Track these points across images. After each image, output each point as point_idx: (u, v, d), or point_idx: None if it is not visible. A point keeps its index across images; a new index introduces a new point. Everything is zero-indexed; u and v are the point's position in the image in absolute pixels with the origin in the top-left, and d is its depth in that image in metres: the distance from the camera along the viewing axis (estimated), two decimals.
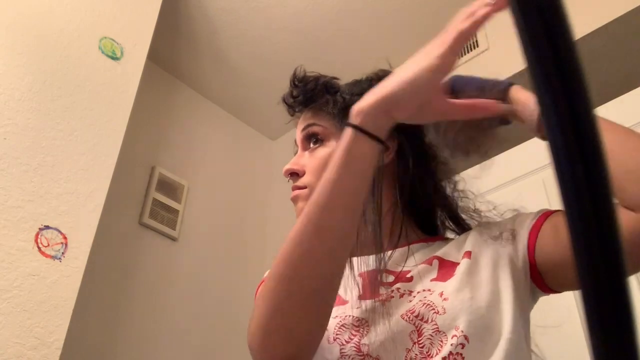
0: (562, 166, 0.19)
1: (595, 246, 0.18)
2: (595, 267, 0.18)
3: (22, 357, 1.26)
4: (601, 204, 0.18)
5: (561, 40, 0.18)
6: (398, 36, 2.31)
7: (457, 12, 0.59)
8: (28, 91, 1.53)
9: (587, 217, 0.18)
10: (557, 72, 0.18)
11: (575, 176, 0.18)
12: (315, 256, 0.57)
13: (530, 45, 0.18)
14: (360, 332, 0.64)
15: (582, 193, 0.18)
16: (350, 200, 0.58)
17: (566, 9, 0.19)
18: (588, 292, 0.18)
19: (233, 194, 2.58)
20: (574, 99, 0.18)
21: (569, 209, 0.19)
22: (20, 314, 1.29)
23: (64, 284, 1.39)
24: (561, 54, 0.18)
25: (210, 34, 2.37)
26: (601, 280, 0.18)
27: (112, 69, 1.77)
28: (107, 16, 1.83)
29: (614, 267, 0.18)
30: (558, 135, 0.18)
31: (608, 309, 0.18)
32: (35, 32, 1.62)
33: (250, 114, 2.75)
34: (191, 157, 2.47)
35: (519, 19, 0.19)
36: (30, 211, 1.40)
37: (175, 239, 2.21)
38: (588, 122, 0.18)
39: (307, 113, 0.82)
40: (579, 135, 0.18)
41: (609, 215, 0.18)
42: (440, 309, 0.61)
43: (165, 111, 2.44)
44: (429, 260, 0.71)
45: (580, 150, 0.18)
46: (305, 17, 2.28)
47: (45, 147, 1.50)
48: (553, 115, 0.18)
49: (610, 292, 0.18)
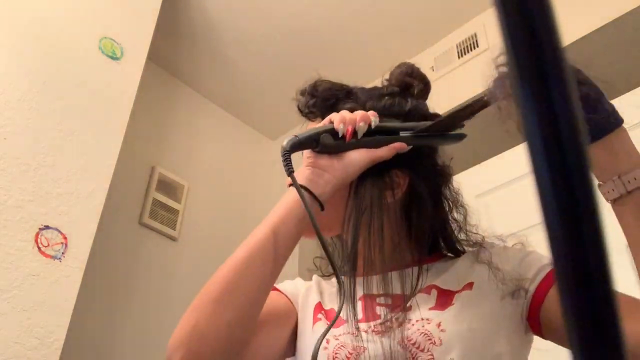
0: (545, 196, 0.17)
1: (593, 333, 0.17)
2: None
3: (22, 357, 1.26)
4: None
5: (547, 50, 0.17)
6: (398, 36, 2.31)
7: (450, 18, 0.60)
8: (28, 91, 1.53)
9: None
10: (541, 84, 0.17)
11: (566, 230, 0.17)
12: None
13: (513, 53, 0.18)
14: (357, 352, 0.65)
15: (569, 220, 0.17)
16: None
17: (554, 20, 0.18)
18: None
19: (233, 194, 2.58)
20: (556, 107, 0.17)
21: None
22: (20, 314, 1.29)
23: (64, 284, 1.39)
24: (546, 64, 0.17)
25: (210, 34, 2.37)
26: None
27: (112, 69, 1.77)
28: (107, 16, 1.83)
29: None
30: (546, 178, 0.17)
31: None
32: (35, 32, 1.62)
33: (250, 114, 2.75)
34: (191, 157, 2.47)
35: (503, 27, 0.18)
36: (30, 211, 1.40)
37: (175, 239, 2.21)
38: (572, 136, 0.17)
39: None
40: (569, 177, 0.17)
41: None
42: (437, 339, 0.62)
43: (165, 111, 2.44)
44: (428, 290, 0.70)
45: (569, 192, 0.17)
46: (305, 17, 2.28)
47: (45, 147, 1.50)
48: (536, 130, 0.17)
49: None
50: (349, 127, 0.70)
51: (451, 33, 2.31)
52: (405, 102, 0.80)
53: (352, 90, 0.82)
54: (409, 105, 0.79)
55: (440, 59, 2.28)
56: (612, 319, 0.17)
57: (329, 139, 0.71)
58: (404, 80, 0.82)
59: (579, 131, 0.17)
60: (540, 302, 0.65)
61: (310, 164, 0.71)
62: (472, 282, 0.69)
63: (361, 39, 2.34)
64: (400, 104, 0.79)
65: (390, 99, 0.80)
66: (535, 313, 0.65)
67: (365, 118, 0.71)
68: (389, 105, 0.79)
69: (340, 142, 0.71)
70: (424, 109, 0.82)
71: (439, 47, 2.33)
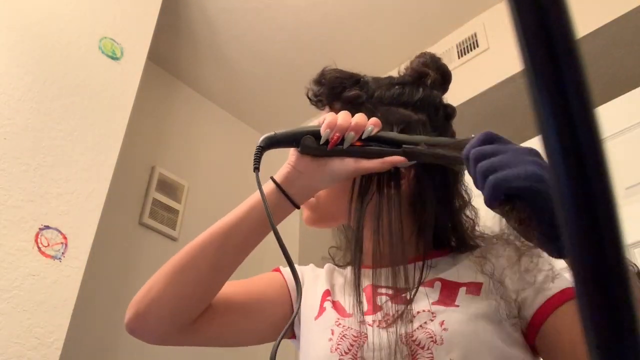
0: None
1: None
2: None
3: (22, 357, 1.26)
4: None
5: (561, 43, 0.17)
6: (398, 35, 2.31)
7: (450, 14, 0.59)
8: (28, 91, 1.53)
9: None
10: (555, 78, 0.17)
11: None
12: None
13: (527, 48, 0.17)
14: (359, 345, 0.65)
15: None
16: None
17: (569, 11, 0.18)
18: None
19: (233, 194, 2.58)
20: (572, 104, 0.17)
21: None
22: (20, 314, 1.29)
23: (64, 284, 1.39)
24: (560, 58, 0.17)
25: (210, 34, 2.37)
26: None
27: (112, 69, 1.77)
28: (107, 16, 1.83)
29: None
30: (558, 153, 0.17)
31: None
32: (35, 32, 1.62)
33: (250, 114, 2.75)
34: (191, 157, 2.47)
35: (516, 20, 0.18)
36: (30, 211, 1.40)
37: (175, 239, 2.21)
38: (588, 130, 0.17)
39: (336, 105, 0.79)
40: (581, 161, 0.17)
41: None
42: (439, 339, 0.61)
43: (165, 111, 2.44)
44: (431, 283, 0.69)
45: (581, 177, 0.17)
46: (305, 16, 2.28)
47: (45, 147, 1.50)
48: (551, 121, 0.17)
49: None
50: (336, 134, 0.66)
51: (451, 33, 2.31)
52: (416, 91, 0.77)
53: (362, 78, 0.80)
54: (420, 94, 0.77)
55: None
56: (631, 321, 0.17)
57: (312, 141, 0.68)
58: (419, 70, 0.80)
59: (595, 128, 0.17)
60: (537, 327, 0.63)
61: (290, 163, 0.71)
62: (480, 283, 0.67)
63: (361, 39, 2.34)
64: (411, 94, 0.77)
65: (400, 88, 0.77)
66: (532, 335, 0.64)
67: (357, 128, 0.67)
68: (397, 94, 0.77)
69: (323, 147, 0.68)
70: (436, 100, 0.78)
71: (439, 47, 2.33)
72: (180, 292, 0.70)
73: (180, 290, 0.70)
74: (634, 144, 1.64)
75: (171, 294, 0.69)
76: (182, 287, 0.70)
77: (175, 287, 0.69)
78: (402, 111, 0.75)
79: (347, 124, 0.67)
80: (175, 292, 0.69)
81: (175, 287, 0.70)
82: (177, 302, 0.70)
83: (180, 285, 0.70)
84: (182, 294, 0.70)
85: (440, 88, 0.80)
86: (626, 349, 0.17)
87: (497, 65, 2.06)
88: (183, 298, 0.70)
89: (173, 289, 0.69)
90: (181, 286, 0.70)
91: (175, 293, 0.69)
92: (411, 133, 0.72)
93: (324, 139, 0.67)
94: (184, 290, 0.70)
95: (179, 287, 0.70)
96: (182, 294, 0.70)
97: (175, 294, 0.69)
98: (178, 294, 0.69)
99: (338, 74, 0.79)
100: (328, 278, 0.80)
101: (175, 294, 0.69)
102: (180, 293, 0.70)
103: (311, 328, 0.73)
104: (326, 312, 0.72)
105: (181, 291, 0.70)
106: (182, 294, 0.70)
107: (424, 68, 0.80)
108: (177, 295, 0.69)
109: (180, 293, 0.70)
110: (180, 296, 0.70)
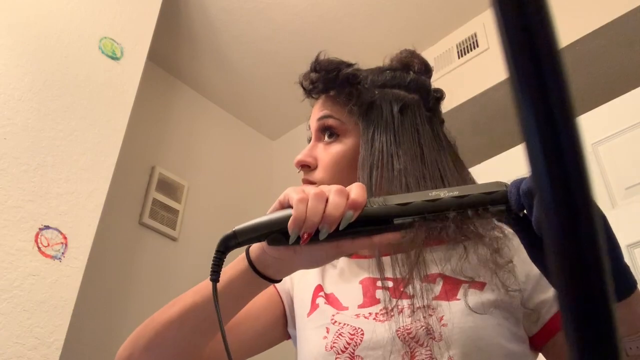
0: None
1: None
2: None
3: (22, 357, 1.26)
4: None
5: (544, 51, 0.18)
6: (398, 36, 2.31)
7: (451, 17, 0.59)
8: (28, 91, 1.53)
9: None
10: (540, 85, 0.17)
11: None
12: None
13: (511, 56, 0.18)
14: (355, 342, 0.64)
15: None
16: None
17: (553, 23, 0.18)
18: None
19: (233, 194, 2.58)
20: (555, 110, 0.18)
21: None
22: (20, 314, 1.29)
23: (64, 284, 1.39)
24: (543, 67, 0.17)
25: (210, 34, 2.37)
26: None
27: (112, 69, 1.77)
28: (107, 16, 1.83)
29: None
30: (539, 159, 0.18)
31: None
32: (35, 32, 1.62)
33: (250, 114, 2.75)
34: (191, 157, 2.47)
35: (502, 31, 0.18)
36: (30, 211, 1.40)
37: (175, 239, 2.21)
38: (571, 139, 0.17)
39: (326, 101, 0.79)
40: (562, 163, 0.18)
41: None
42: (437, 334, 0.60)
43: (165, 111, 2.45)
44: (432, 278, 0.67)
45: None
46: (305, 16, 2.28)
47: (45, 147, 1.50)
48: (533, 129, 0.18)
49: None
50: (305, 234, 0.52)
51: (451, 33, 2.31)
52: (407, 75, 0.80)
53: (354, 64, 0.82)
54: (410, 77, 0.79)
55: (440, 59, 2.28)
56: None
57: (280, 240, 0.54)
58: (404, 60, 0.83)
59: (577, 133, 0.18)
60: (554, 332, 0.63)
61: (264, 248, 0.59)
62: (484, 282, 0.66)
63: (361, 39, 2.34)
64: (402, 77, 0.80)
65: (391, 73, 0.80)
66: (545, 339, 0.64)
67: (330, 221, 0.51)
68: (390, 77, 0.79)
69: (295, 244, 0.54)
70: (426, 83, 0.81)
71: (439, 47, 2.33)
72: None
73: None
74: (634, 144, 1.64)
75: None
76: (161, 358, 0.71)
77: (154, 358, 0.70)
78: (397, 91, 0.77)
79: (318, 216, 0.51)
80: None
81: (154, 358, 0.70)
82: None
83: (159, 357, 0.71)
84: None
85: (426, 75, 0.83)
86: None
87: (497, 65, 2.06)
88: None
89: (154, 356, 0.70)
90: (160, 358, 0.71)
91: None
92: (408, 112, 0.75)
93: (292, 239, 0.53)
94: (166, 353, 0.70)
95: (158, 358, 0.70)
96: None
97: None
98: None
99: (332, 59, 0.82)
100: (319, 270, 0.78)
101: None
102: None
103: (305, 325, 0.72)
104: (319, 309, 0.71)
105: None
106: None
107: (409, 58, 0.84)
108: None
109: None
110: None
